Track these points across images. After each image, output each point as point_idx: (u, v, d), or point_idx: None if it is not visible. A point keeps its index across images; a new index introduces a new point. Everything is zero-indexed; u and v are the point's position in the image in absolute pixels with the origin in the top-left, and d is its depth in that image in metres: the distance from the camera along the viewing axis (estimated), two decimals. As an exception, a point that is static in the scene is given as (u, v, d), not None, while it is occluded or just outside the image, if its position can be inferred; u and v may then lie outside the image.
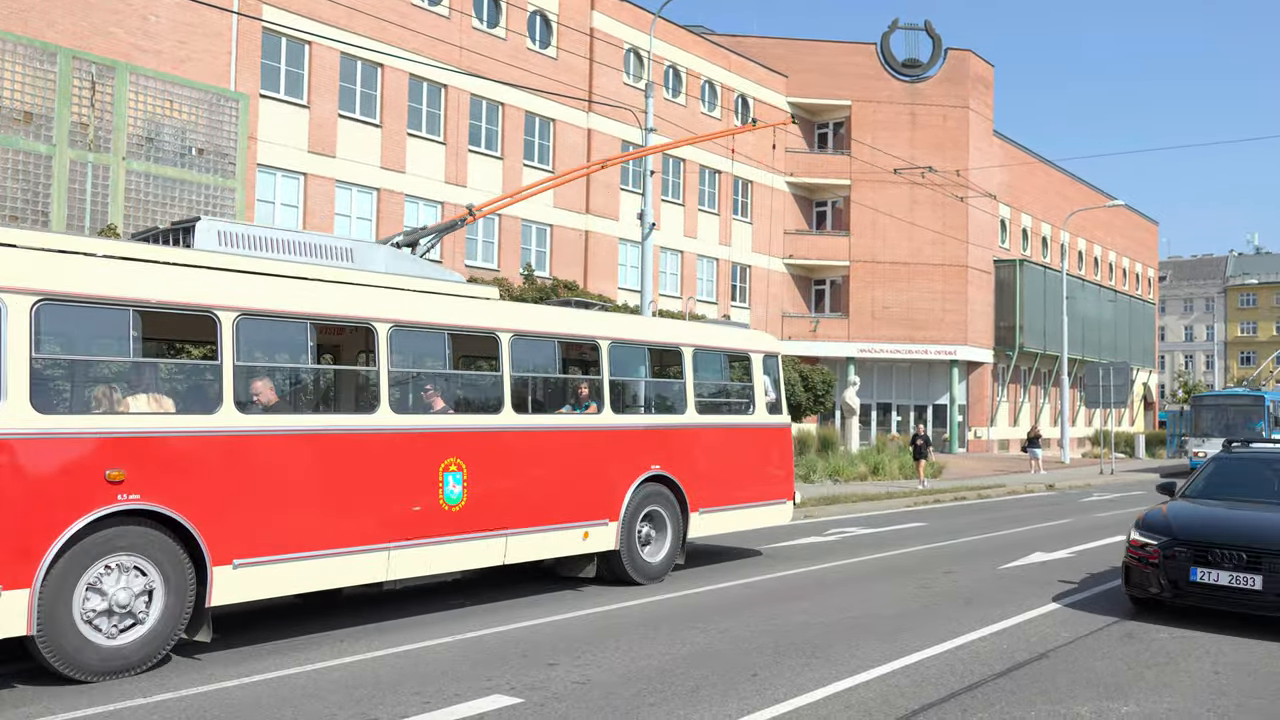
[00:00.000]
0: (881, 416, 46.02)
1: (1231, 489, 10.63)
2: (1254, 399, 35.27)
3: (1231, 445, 11.82)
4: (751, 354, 12.79)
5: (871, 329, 44.53)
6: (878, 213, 44.26)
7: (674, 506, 11.39)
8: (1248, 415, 34.60)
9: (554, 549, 10.09)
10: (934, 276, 45.21)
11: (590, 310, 11.20)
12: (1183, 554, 9.30)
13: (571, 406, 10.78)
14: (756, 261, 42.53)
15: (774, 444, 12.88)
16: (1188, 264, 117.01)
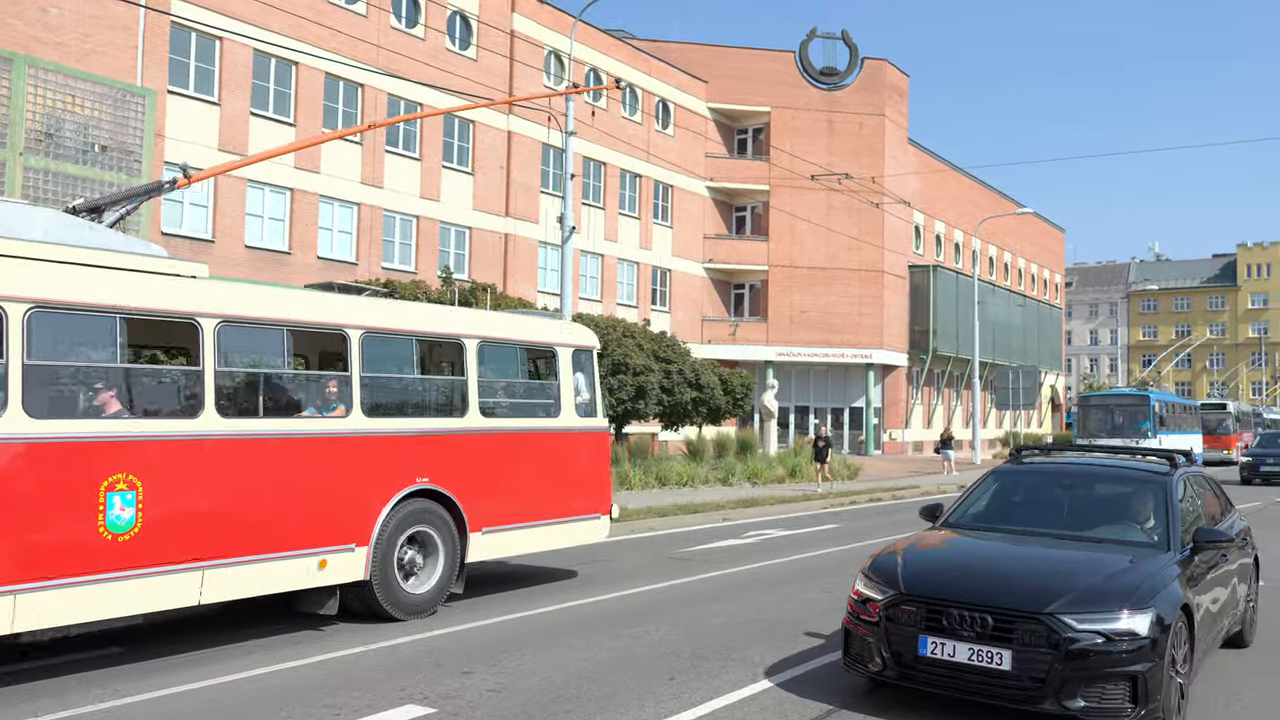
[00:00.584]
0: (800, 419, 46.53)
1: (1012, 515, 7.78)
2: (1139, 399, 35.46)
3: (1021, 454, 8.79)
4: (558, 348, 11.07)
5: (790, 333, 45.00)
6: (796, 218, 44.76)
7: (448, 526, 9.67)
8: (1133, 415, 34.91)
9: (276, 582, 8.25)
10: (850, 281, 45.86)
11: (334, 294, 9.52)
12: (911, 615, 6.41)
13: (316, 409, 8.93)
14: (677, 265, 42.66)
15: (585, 451, 11.26)
16: (1093, 270, 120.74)
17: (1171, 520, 7.22)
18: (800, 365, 46.41)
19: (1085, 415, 35.90)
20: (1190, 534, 7.23)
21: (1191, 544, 7.11)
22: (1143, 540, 7.15)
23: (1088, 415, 35.71)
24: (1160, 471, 7.86)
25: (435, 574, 9.62)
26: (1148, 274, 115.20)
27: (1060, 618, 6.02)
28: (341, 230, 29.75)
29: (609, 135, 38.38)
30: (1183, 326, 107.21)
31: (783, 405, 43.91)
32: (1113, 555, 6.79)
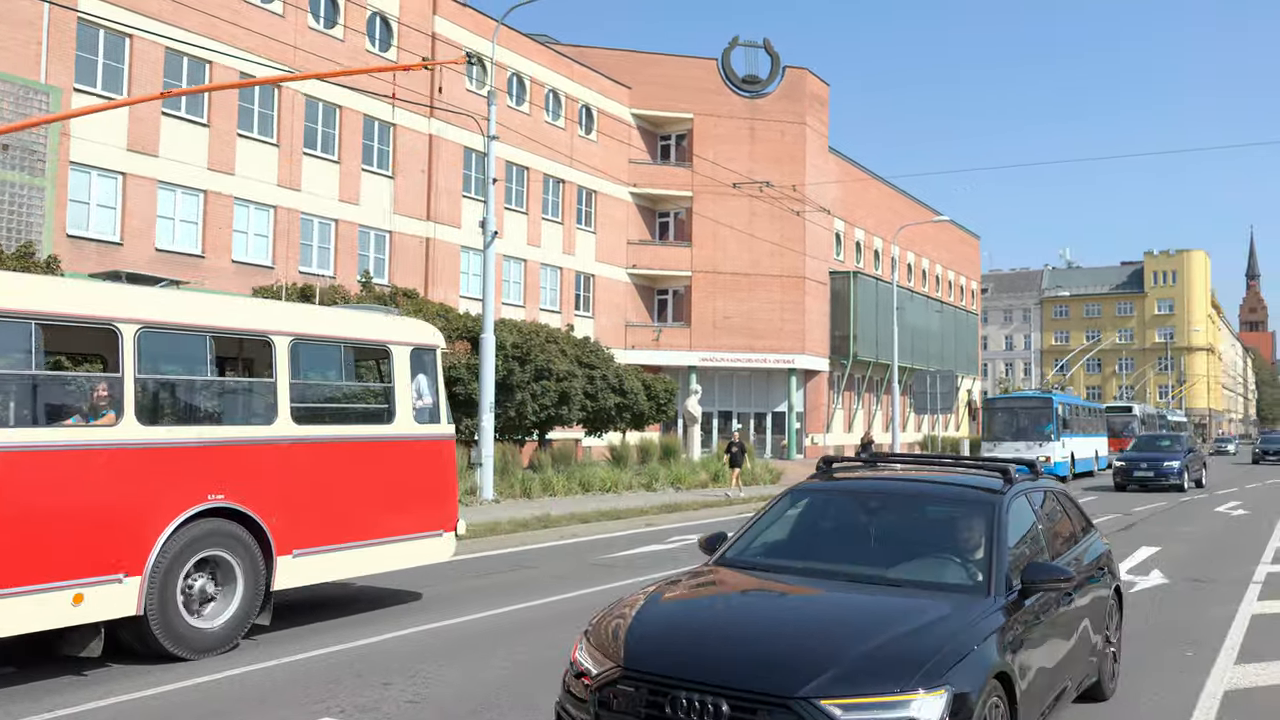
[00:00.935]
0: (723, 424, 46.77)
1: (806, 547, 6.04)
2: (1042, 401, 35.18)
3: (832, 468, 6.82)
4: (392, 347, 9.96)
5: (713, 338, 45.26)
6: (719, 224, 45.06)
7: (249, 550, 8.46)
8: (1037, 418, 34.45)
9: (16, 623, 7.00)
10: (773, 287, 46.30)
11: (114, 284, 8.36)
12: (629, 699, 4.68)
13: (81, 416, 7.66)
14: (601, 271, 42.63)
15: (425, 462, 10.14)
16: (1007, 277, 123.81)
17: (996, 555, 5.43)
18: (723, 370, 46.68)
19: (989, 418, 35.82)
20: (1020, 571, 5.45)
21: (1020, 585, 5.37)
22: (958, 582, 5.39)
23: (992, 418, 35.63)
24: (990, 489, 6.01)
25: (232, 605, 8.37)
26: (1060, 280, 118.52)
27: (818, 704, 4.28)
28: (257, 234, 29.12)
29: (532, 140, 38.21)
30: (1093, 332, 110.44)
31: (706, 410, 44.16)
32: (912, 604, 5.05)
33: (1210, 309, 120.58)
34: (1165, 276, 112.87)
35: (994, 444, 34.51)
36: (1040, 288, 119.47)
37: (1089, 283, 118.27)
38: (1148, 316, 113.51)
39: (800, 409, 48.16)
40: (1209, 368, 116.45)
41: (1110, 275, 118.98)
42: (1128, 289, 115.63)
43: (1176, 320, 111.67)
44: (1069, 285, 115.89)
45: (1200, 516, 22.46)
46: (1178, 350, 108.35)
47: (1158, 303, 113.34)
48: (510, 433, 26.69)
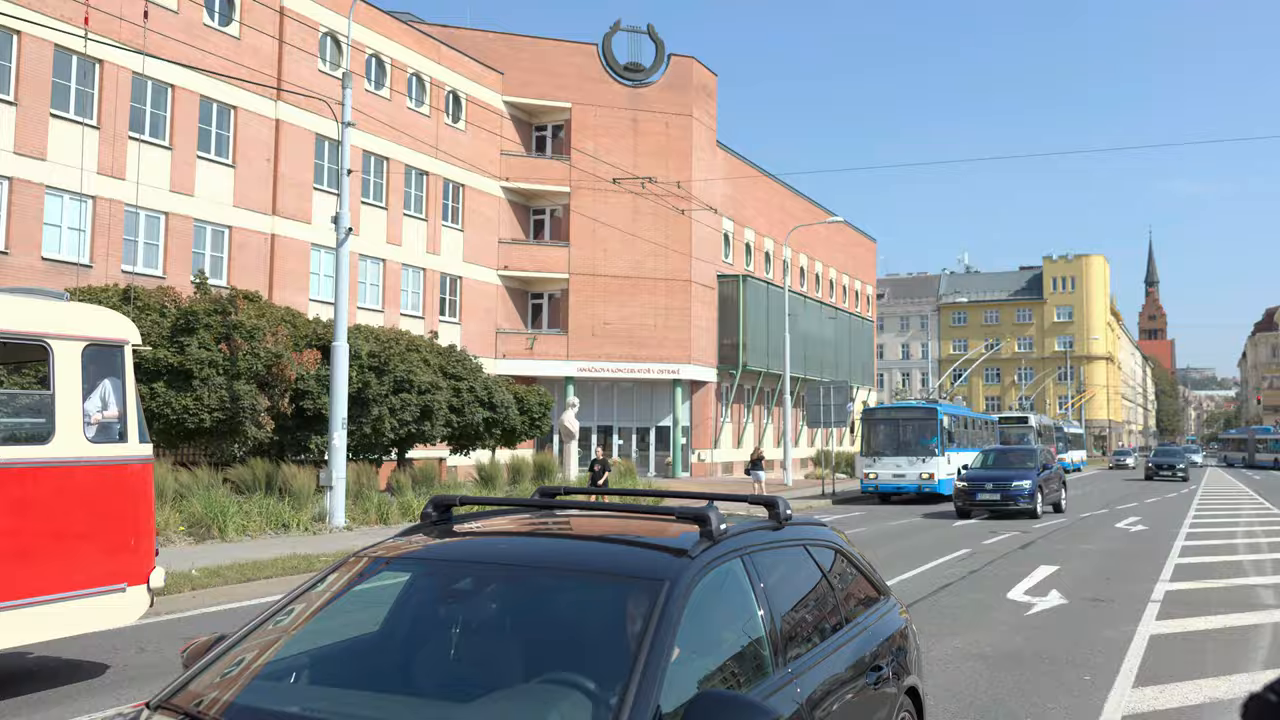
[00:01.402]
0: (603, 439, 46.81)
1: (341, 665, 3.88)
2: (926, 412, 35.27)
3: (449, 515, 4.48)
4: (53, 342, 8.11)
5: (592, 346, 45.30)
6: (598, 223, 45.16)
7: None
8: (921, 431, 34.61)
9: None
10: (657, 291, 46.61)
11: None
12: None
13: None
14: (469, 272, 42.25)
15: (102, 494, 8.28)
16: (904, 282, 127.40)
17: (637, 686, 3.21)
18: (603, 381, 46.76)
19: (869, 431, 35.58)
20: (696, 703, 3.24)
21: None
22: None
23: (872, 431, 35.38)
24: (665, 559, 3.76)
25: None
26: (958, 286, 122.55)
27: None
28: (72, 227, 27.93)
29: (393, 128, 37.67)
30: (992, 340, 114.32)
31: (584, 425, 44.14)
32: None
33: (1110, 316, 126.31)
34: (1065, 283, 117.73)
35: (874, 459, 34.64)
36: (938, 293, 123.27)
37: (988, 288, 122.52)
38: (1047, 324, 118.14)
39: (686, 423, 48.55)
40: (1109, 377, 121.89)
41: (1009, 281, 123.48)
42: (1027, 295, 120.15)
43: (1076, 328, 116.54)
44: (967, 291, 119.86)
45: (1100, 533, 23.42)
46: (1077, 359, 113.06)
47: (1057, 310, 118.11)
48: (366, 451, 26.24)
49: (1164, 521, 26.74)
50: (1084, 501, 35.92)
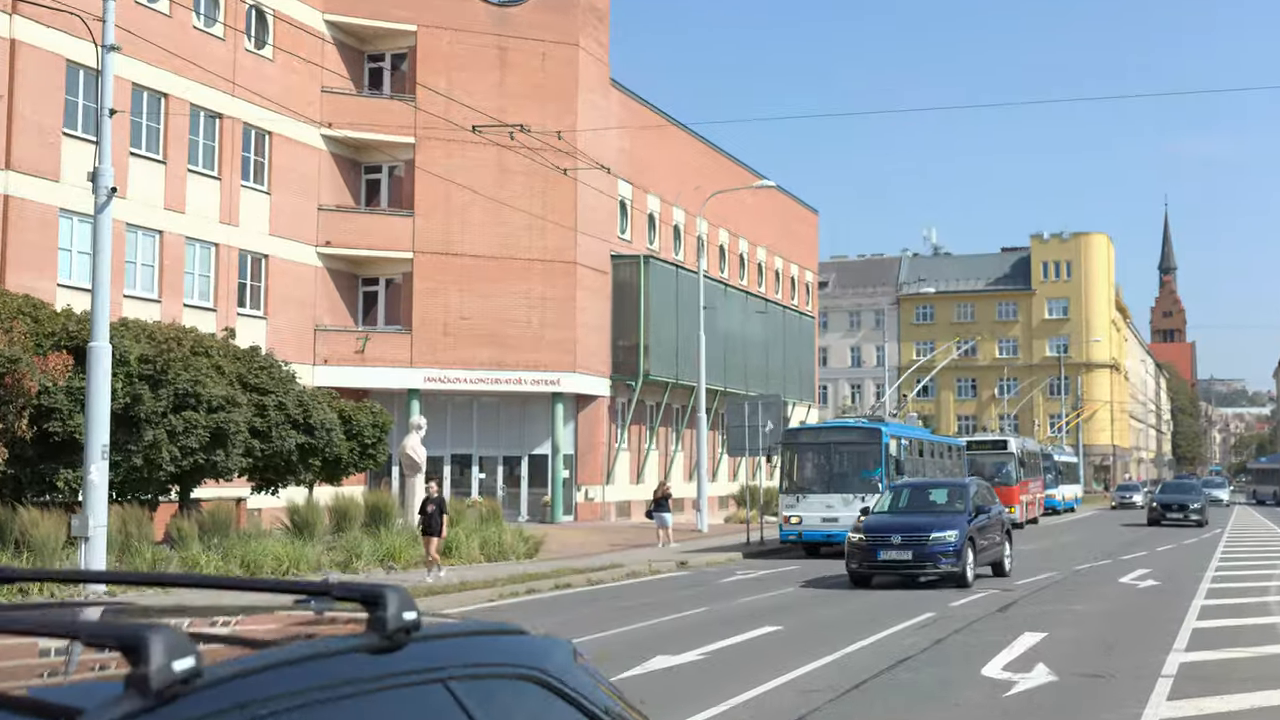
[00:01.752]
0: (459, 473, 46.61)
1: None
2: (866, 434, 35.25)
3: None
4: None
5: (444, 349, 45.09)
6: (454, 185, 44.96)
7: None
8: (860, 459, 34.63)
9: None
10: (531, 277, 46.61)
11: None
12: None
13: None
14: (278, 249, 41.77)
15: None
16: (855, 267, 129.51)
17: None
18: (460, 396, 46.54)
19: (792, 460, 35.42)
20: None
21: None
22: None
23: (796, 460, 35.30)
24: None
25: None
26: (923, 272, 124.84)
27: None
28: None
29: (174, 55, 36.99)
30: (965, 342, 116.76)
31: (434, 454, 43.80)
32: None
33: (1115, 312, 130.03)
34: (1058, 268, 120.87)
35: (797, 497, 34.41)
36: (898, 282, 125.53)
37: (961, 275, 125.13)
38: (1036, 322, 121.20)
39: (569, 450, 48.58)
40: (1113, 390, 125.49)
41: (988, 266, 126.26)
42: (1011, 284, 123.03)
43: (1072, 327, 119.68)
44: (935, 278, 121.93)
45: (1099, 590, 24.15)
46: (1074, 367, 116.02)
47: (1048, 303, 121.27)
48: (136, 489, 25.81)
49: (1180, 574, 27.68)
50: (1074, 552, 36.95)
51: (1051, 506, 64.69)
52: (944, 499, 27.17)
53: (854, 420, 39.70)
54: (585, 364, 48.31)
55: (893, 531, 24.96)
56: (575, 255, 47.53)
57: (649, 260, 51.68)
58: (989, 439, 57.86)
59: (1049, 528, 54.05)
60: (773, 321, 64.50)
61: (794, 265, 74.07)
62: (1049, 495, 63.96)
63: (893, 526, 25.25)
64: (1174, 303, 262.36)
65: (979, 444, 54.61)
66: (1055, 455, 70.10)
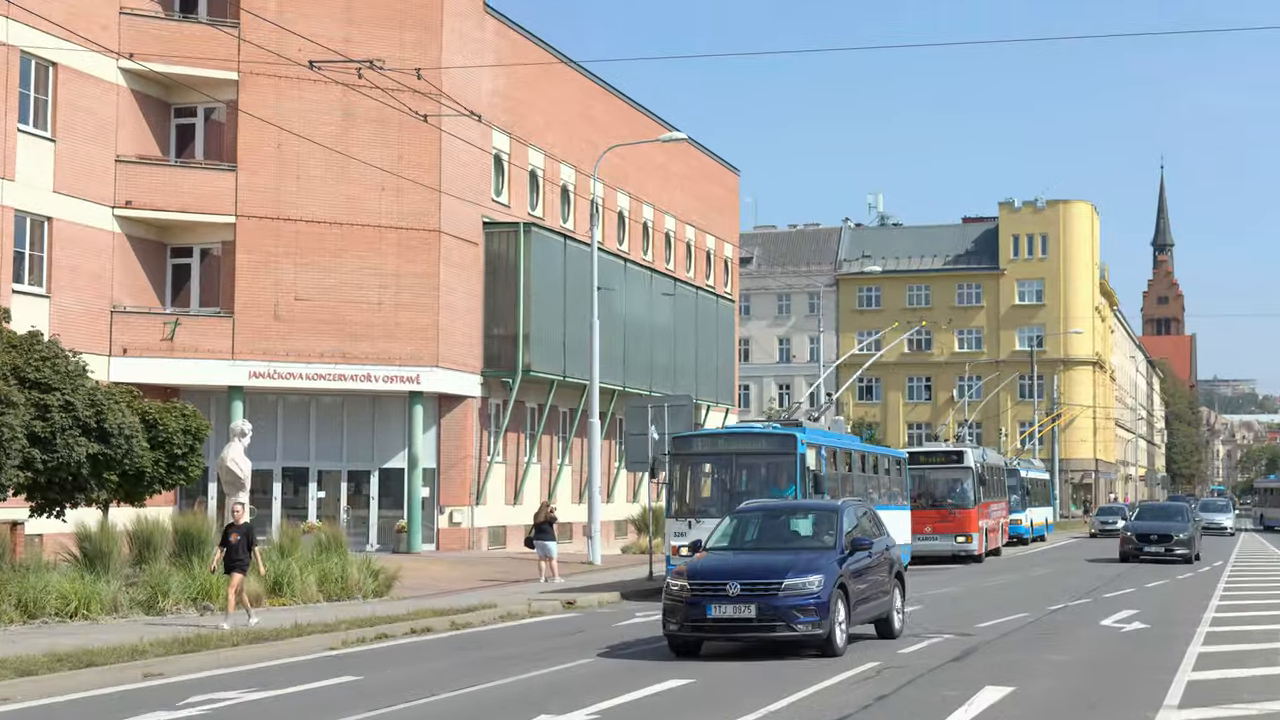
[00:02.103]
0: (292, 491, 46.41)
1: None
2: (779, 442, 34.58)
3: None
4: None
5: (275, 337, 44.88)
6: (286, 134, 44.70)
7: None
8: (770, 473, 34.22)
9: None
10: (384, 248, 46.50)
11: None
12: None
13: None
14: (64, 210, 41.49)
15: None
16: (784, 240, 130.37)
17: None
18: (294, 395, 46.42)
19: (684, 475, 34.56)
20: None
21: None
22: None
23: (689, 475, 34.59)
24: None
25: None
26: (867, 246, 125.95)
27: None
28: None
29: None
30: (920, 333, 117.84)
31: (262, 466, 43.61)
32: None
33: (1099, 298, 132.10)
34: (1031, 244, 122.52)
35: (689, 523, 32.64)
36: (836, 259, 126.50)
37: (913, 250, 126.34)
38: (1004, 308, 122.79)
39: (431, 463, 48.55)
40: (1097, 393, 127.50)
41: (947, 239, 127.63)
42: (974, 262, 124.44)
43: (1047, 315, 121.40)
44: (882, 255, 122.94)
45: (1079, 635, 24.61)
46: (1049, 364, 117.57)
47: (1019, 286, 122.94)
48: (-117, 511, 25.45)
49: (1173, 616, 28.32)
50: (1046, 588, 37.46)
51: (1018, 535, 65.10)
52: (809, 529, 24.23)
53: (763, 425, 39.02)
54: (451, 357, 48.28)
55: (727, 578, 21.40)
56: (439, 222, 47.48)
57: (531, 229, 51.70)
58: (939, 449, 58.17)
59: (1015, 559, 54.74)
60: (683, 306, 64.77)
61: (710, 237, 74.42)
62: (1014, 521, 64.44)
63: (730, 571, 21.72)
64: (1170, 286, 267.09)
65: (927, 456, 54.55)
66: (1022, 471, 70.03)
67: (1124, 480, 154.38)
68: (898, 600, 24.62)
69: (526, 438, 54.91)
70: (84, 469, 28.56)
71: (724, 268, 77.50)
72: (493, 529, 51.88)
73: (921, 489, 50.21)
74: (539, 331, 51.50)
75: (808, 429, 37.20)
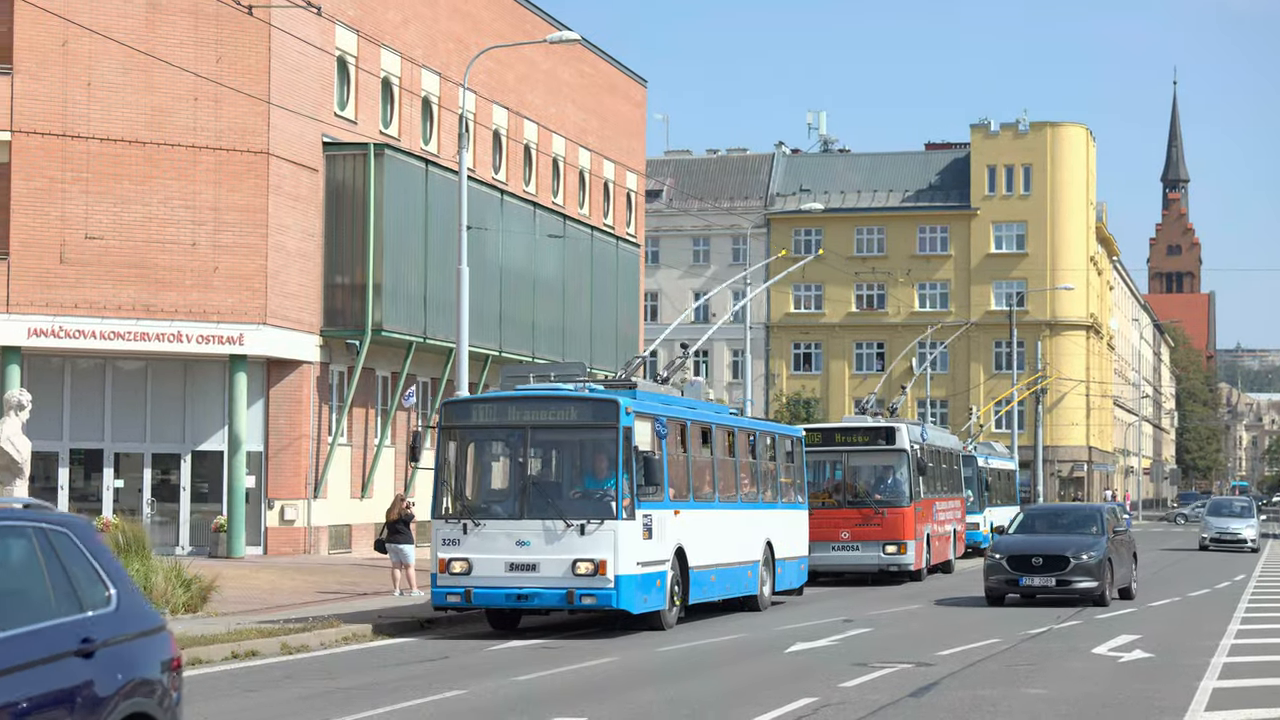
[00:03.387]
0: (83, 479, 46.41)
1: None
2: (594, 409, 30.23)
3: None
4: None
5: (60, 285, 44.82)
6: (74, 29, 44.61)
7: None
8: (582, 455, 31.10)
9: None
10: (198, 174, 46.49)
11: None
12: None
13: None
14: None
15: None
16: (703, 169, 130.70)
17: None
18: (85, 359, 46.45)
19: (456, 457, 31.02)
20: None
21: None
22: None
23: (464, 460, 31.10)
24: None
25: None
26: (804, 177, 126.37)
27: None
28: None
29: None
30: (870, 289, 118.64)
31: (45, 448, 43.70)
32: None
33: (1095, 246, 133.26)
34: (1011, 176, 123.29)
35: (464, 524, 29.50)
36: (768, 193, 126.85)
37: (864, 184, 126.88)
38: (976, 258, 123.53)
39: (257, 445, 48.62)
40: (1090, 364, 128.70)
41: (906, 170, 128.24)
42: (939, 199, 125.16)
43: (1030, 266, 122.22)
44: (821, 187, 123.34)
45: (1066, 667, 24.93)
46: (1031, 327, 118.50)
47: (996, 230, 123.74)
48: None
49: (1182, 642, 28.73)
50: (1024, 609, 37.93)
51: (973, 543, 61.26)
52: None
53: (572, 388, 31.26)
54: (282, 312, 48.34)
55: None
56: (267, 142, 47.53)
57: (384, 151, 51.80)
58: (859, 425, 50.82)
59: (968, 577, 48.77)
60: (575, 250, 65.00)
61: (609, 164, 74.65)
62: (972, 525, 61.55)
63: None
64: (1184, 233, 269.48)
65: (844, 435, 49.65)
66: (981, 458, 67.56)
67: (1123, 474, 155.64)
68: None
69: (378, 414, 55.05)
70: None
71: (627, 202, 77.79)
72: (335, 528, 52.00)
73: (835, 480, 47.55)
74: (393, 281, 51.56)
75: (643, 392, 32.70)
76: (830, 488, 47.39)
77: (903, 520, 46.09)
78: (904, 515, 46.16)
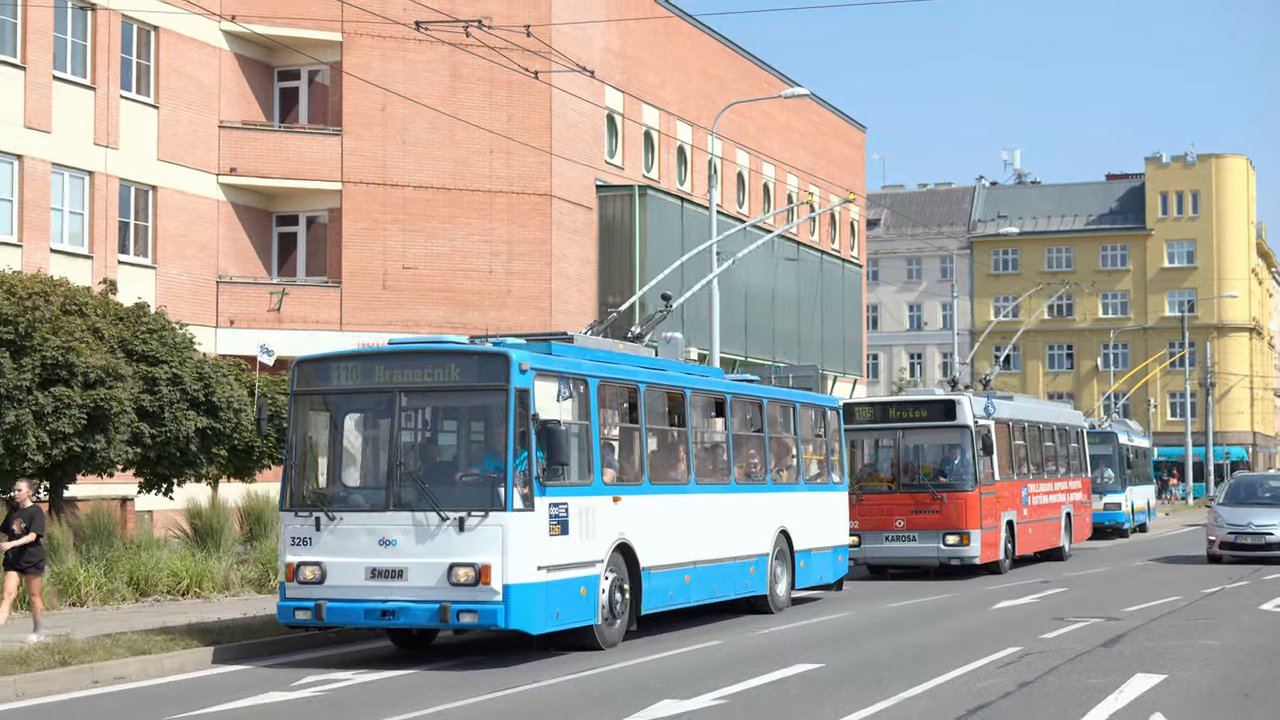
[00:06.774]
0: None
1: None
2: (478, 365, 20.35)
3: None
4: None
5: (384, 307, 45.48)
6: (391, 96, 45.20)
7: None
8: (468, 426, 21.56)
9: None
10: (494, 214, 46.97)
11: None
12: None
13: None
14: (169, 179, 42.19)
15: None
16: (914, 200, 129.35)
17: None
18: (403, 368, 46.87)
19: (305, 431, 21.15)
20: None
21: None
22: None
23: (321, 436, 21.15)
24: None
25: None
26: (1003, 206, 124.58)
27: None
28: None
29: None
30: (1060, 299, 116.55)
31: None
32: None
33: (1255, 259, 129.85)
34: (1181, 201, 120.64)
35: (318, 519, 19.69)
36: (970, 220, 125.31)
37: (1053, 210, 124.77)
38: (1152, 272, 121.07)
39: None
40: (1253, 361, 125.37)
41: (1089, 197, 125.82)
42: (1119, 222, 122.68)
43: (1199, 277, 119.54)
44: (1019, 215, 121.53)
45: (1239, 620, 24.18)
46: (1201, 330, 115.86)
47: (1169, 248, 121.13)
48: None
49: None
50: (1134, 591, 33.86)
51: (1114, 523, 53.76)
52: None
53: (457, 340, 21.86)
54: (564, 325, 48.44)
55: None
56: (550, 185, 47.89)
57: (646, 192, 51.92)
58: (914, 399, 39.88)
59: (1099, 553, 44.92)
60: (808, 272, 64.69)
61: (835, 197, 74.13)
62: (1111, 505, 53.30)
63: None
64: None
65: (898, 409, 37.85)
66: (1122, 435, 57.46)
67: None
68: None
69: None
70: (192, 443, 29.01)
71: (849, 231, 77.24)
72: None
73: (889, 460, 36.44)
74: (655, 300, 51.66)
75: (566, 346, 22.36)
76: (881, 469, 36.75)
77: (965, 506, 34.66)
78: (966, 500, 34.72)
